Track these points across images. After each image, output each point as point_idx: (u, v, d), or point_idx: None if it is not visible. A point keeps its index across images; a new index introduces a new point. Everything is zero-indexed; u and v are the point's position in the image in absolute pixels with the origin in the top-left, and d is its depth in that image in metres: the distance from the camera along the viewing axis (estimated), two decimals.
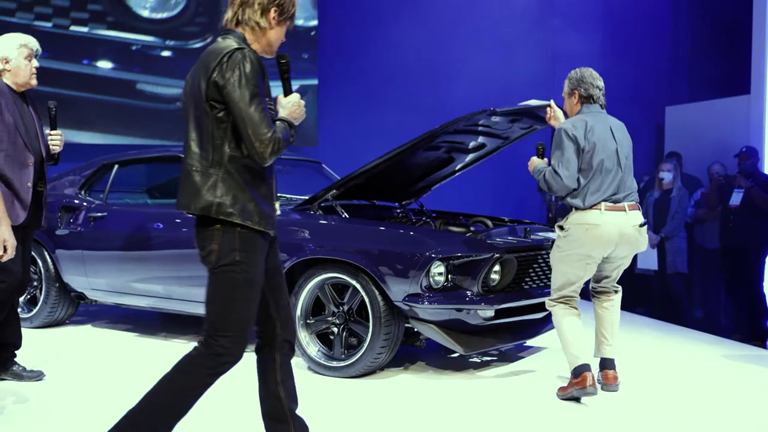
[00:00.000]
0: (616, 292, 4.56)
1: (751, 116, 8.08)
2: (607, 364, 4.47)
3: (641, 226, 4.31)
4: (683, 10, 10.15)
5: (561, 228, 4.33)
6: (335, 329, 4.65)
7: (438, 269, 4.37)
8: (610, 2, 10.34)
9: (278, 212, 3.00)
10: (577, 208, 4.26)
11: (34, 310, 5.90)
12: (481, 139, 5.28)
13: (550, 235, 5.14)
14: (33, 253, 5.89)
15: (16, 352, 4.47)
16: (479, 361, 5.06)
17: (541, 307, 4.87)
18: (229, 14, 2.86)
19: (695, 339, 6.19)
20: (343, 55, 9.71)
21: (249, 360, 4.54)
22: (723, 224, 7.45)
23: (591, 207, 4.22)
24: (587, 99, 4.38)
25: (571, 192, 4.25)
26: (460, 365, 4.93)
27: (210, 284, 2.81)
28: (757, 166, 7.38)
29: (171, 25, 9.55)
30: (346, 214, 4.96)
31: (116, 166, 5.88)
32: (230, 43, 2.76)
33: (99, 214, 5.60)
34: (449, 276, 4.41)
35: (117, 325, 6.15)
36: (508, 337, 4.83)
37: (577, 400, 4.21)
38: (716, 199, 7.62)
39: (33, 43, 4.34)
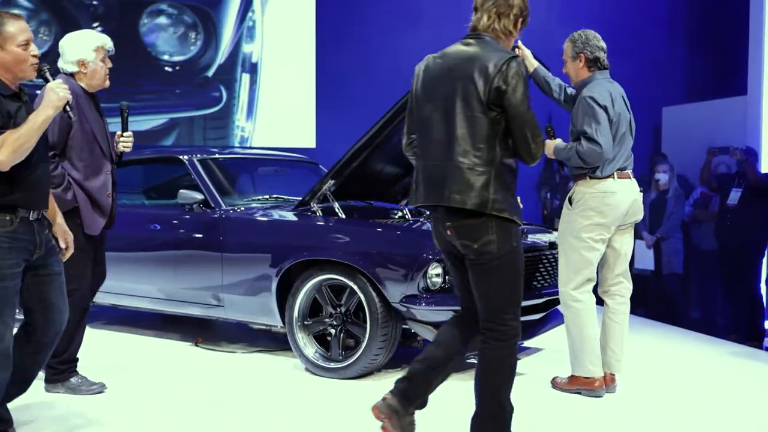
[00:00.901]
0: (627, 291, 4.44)
1: (747, 117, 8.08)
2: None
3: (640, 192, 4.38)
4: (680, 11, 10.15)
5: (570, 201, 4.28)
6: (333, 330, 4.65)
7: (435, 270, 4.37)
8: (606, 2, 10.35)
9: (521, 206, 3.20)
10: (591, 177, 4.21)
11: None
12: None
13: (547, 236, 5.15)
14: None
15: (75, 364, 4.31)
16: (476, 362, 5.04)
17: (537, 308, 4.89)
18: (484, 21, 3.07)
19: (692, 339, 6.20)
20: (341, 53, 9.70)
21: (253, 363, 4.54)
22: (720, 224, 7.46)
23: (606, 176, 4.21)
24: (594, 62, 4.30)
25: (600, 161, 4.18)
26: (457, 366, 4.91)
27: (491, 274, 2.99)
28: (755, 164, 7.39)
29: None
30: (343, 214, 4.96)
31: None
32: (496, 48, 3.00)
33: None
34: (446, 277, 4.41)
35: (114, 325, 6.14)
36: None
37: (578, 392, 4.23)
38: (708, 176, 7.67)
39: (109, 43, 4.18)
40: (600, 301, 4.44)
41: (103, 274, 4.34)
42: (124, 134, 4.28)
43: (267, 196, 5.53)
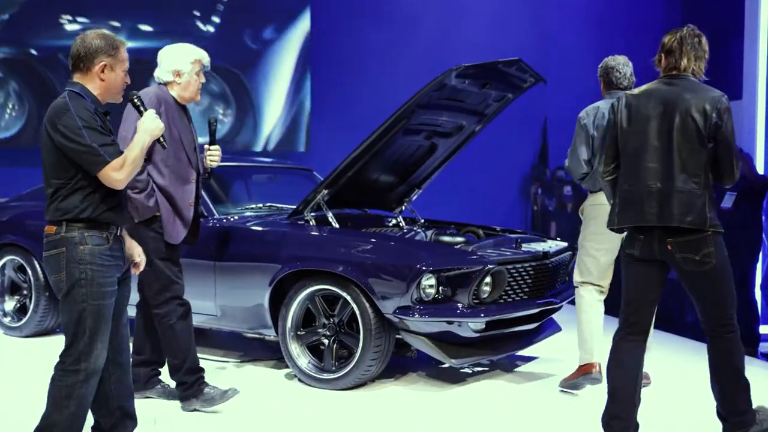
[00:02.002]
0: None
1: (743, 121, 8.09)
2: None
3: None
4: (675, 15, 10.15)
5: (581, 212, 4.72)
6: (326, 341, 4.64)
7: (429, 281, 4.36)
8: (601, 7, 10.35)
9: None
10: (589, 191, 4.63)
11: (24, 320, 5.86)
12: (458, 120, 5.30)
13: (541, 246, 5.14)
14: (22, 260, 5.88)
15: (159, 369, 4.34)
16: (470, 371, 5.05)
17: (532, 318, 4.88)
18: (684, 63, 3.53)
19: (686, 347, 6.18)
20: (335, 57, 9.69)
21: (245, 373, 4.52)
22: None
23: (599, 189, 4.42)
24: (609, 84, 4.72)
25: (585, 177, 4.58)
26: (452, 376, 4.92)
27: (715, 282, 3.43)
28: (751, 167, 7.38)
29: None
30: (336, 224, 4.95)
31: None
32: (703, 87, 3.49)
33: None
34: (440, 288, 4.40)
35: None
36: (499, 348, 4.82)
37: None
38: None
39: (206, 58, 4.19)
40: None
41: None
42: (212, 147, 4.27)
43: (260, 205, 5.51)
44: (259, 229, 4.94)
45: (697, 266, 3.39)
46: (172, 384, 4.23)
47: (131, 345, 3.89)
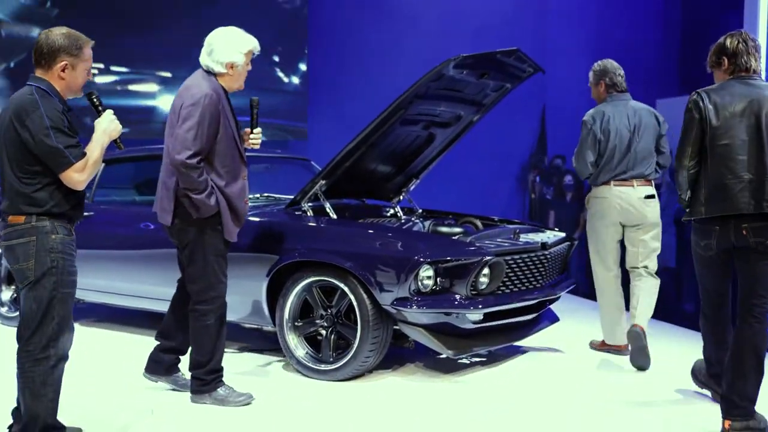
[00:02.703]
0: (648, 274, 5.14)
1: None
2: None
3: (647, 197, 5.09)
4: (675, 3, 10.09)
5: (587, 202, 5.30)
6: (323, 332, 4.63)
7: (427, 273, 4.35)
8: None
9: None
10: (592, 185, 5.21)
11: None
12: (456, 110, 5.29)
13: (539, 236, 5.14)
14: None
15: (180, 358, 4.33)
16: (468, 362, 5.05)
17: (530, 309, 4.88)
18: (754, 63, 3.77)
19: (686, 337, 6.18)
20: (334, 46, 9.64)
21: (243, 363, 4.49)
22: None
23: (602, 183, 5.12)
24: (612, 87, 5.17)
25: (590, 176, 5.18)
26: (449, 367, 4.92)
27: None
28: None
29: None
30: (334, 214, 4.94)
31: (102, 165, 5.80)
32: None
33: (85, 214, 5.52)
34: (438, 279, 4.39)
35: (105, 323, 6.11)
36: (497, 339, 4.82)
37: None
38: None
39: (258, 47, 4.07)
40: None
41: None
42: (254, 131, 4.17)
43: (258, 195, 5.49)
44: (257, 219, 4.92)
45: (766, 249, 3.60)
46: (188, 375, 4.22)
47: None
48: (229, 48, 3.97)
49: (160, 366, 4.27)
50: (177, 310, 4.25)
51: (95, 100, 3.35)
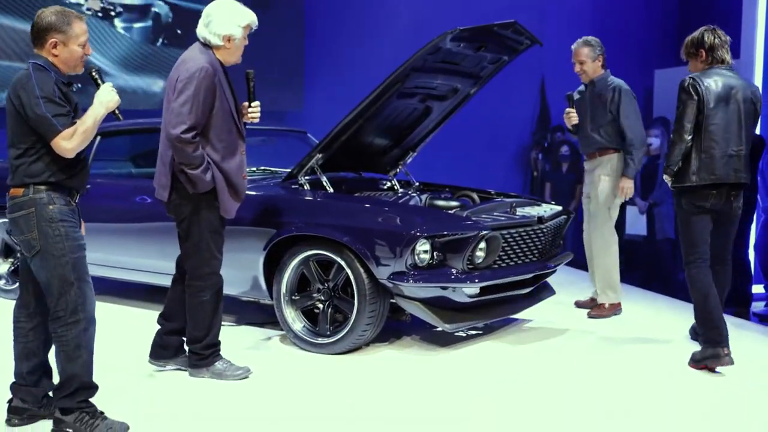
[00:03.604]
0: None
1: None
2: None
3: None
4: None
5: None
6: (320, 306, 4.65)
7: (423, 247, 4.35)
8: None
9: None
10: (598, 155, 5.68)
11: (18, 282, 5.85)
12: (453, 83, 5.27)
13: (536, 210, 5.14)
14: None
15: (184, 338, 4.26)
16: (465, 335, 5.07)
17: (526, 283, 4.89)
18: (727, 57, 4.49)
19: (683, 310, 6.22)
20: (330, 13, 9.56)
21: (241, 336, 4.51)
22: None
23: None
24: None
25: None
26: (446, 340, 4.95)
27: (738, 219, 4.58)
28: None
29: None
30: (331, 188, 4.93)
31: (99, 138, 5.79)
32: (742, 77, 4.56)
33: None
34: (434, 254, 4.40)
35: (102, 296, 6.11)
36: (494, 312, 4.84)
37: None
38: None
39: (255, 21, 4.02)
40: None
41: None
42: (252, 104, 4.12)
43: (254, 168, 5.47)
44: (254, 193, 4.90)
45: (739, 211, 4.52)
46: None
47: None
48: (227, 20, 3.93)
49: (166, 350, 4.24)
50: (178, 290, 4.23)
51: (95, 74, 3.41)
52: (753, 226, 7.48)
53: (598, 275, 5.68)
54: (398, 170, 5.83)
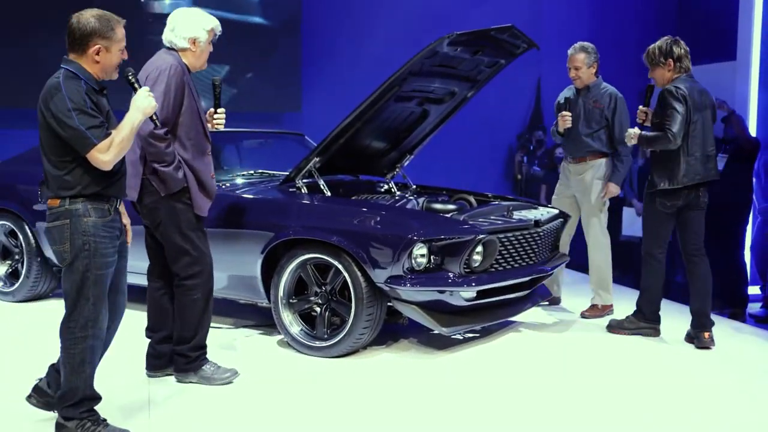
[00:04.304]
0: None
1: (736, 82, 8.06)
2: None
3: None
4: None
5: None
6: (318, 309, 4.66)
7: (420, 251, 4.37)
8: None
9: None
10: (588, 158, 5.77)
11: (16, 285, 5.88)
12: (450, 86, 5.29)
13: (533, 214, 5.15)
14: (12, 225, 5.87)
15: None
16: (462, 338, 5.09)
17: (522, 286, 4.91)
18: (690, 66, 4.91)
19: (677, 311, 6.23)
20: (328, 15, 9.56)
21: (238, 339, 4.52)
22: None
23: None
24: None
25: None
26: (443, 342, 4.97)
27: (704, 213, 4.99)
28: (742, 130, 7.37)
29: None
30: (328, 192, 4.94)
31: None
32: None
33: None
34: (431, 257, 4.41)
35: None
36: (490, 315, 4.86)
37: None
38: None
39: (219, 27, 4.09)
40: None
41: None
42: (218, 111, 4.15)
43: (252, 172, 5.49)
44: (251, 197, 4.93)
45: (705, 204, 4.94)
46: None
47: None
48: (192, 24, 4.00)
49: (161, 359, 4.21)
50: (156, 300, 4.20)
51: (131, 77, 3.35)
52: (749, 228, 7.51)
53: (592, 276, 5.71)
54: (395, 173, 5.85)
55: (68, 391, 3.30)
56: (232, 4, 8.62)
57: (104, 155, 3.12)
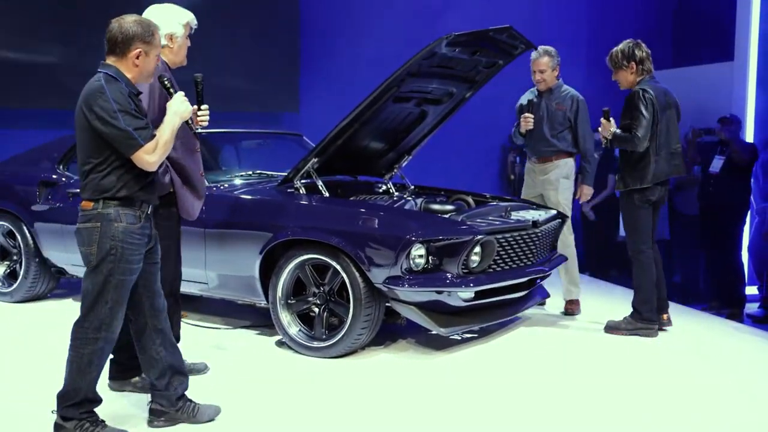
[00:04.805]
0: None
1: (734, 83, 8.07)
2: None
3: None
4: None
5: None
6: (316, 309, 4.67)
7: (418, 252, 4.37)
8: None
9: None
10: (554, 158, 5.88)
11: (14, 285, 5.88)
12: (449, 87, 5.30)
13: (531, 214, 5.16)
14: (10, 226, 5.87)
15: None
16: (460, 338, 5.10)
17: (520, 287, 4.92)
18: (651, 66, 5.14)
19: (674, 312, 6.25)
20: (326, 15, 9.55)
21: (236, 340, 4.51)
22: (702, 191, 7.48)
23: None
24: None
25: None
26: (441, 343, 4.97)
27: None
28: (739, 132, 7.39)
29: None
30: (327, 192, 4.95)
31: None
32: None
33: (77, 190, 5.50)
34: (429, 258, 4.42)
35: None
36: (488, 316, 4.87)
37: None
38: (695, 157, 7.70)
39: (194, 20, 4.04)
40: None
41: (180, 261, 4.19)
42: (202, 108, 4.01)
43: (250, 172, 5.49)
44: (249, 197, 4.93)
45: (666, 197, 5.28)
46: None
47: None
48: (167, 19, 3.96)
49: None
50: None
51: (167, 83, 3.39)
52: (746, 228, 7.52)
53: (563, 272, 5.79)
54: (394, 174, 5.86)
55: (71, 391, 3.31)
56: (230, 5, 8.61)
57: (151, 156, 3.19)
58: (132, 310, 3.43)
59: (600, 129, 5.18)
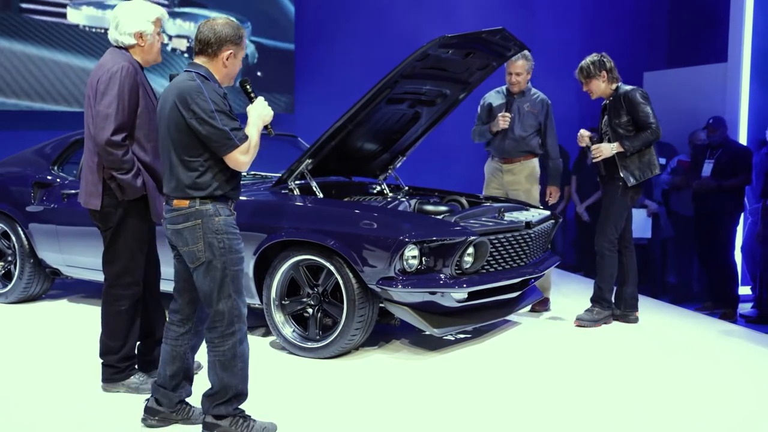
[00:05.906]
0: None
1: (727, 84, 8.09)
2: None
3: None
4: None
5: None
6: (310, 310, 4.68)
7: (412, 252, 4.39)
8: None
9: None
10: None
11: (9, 286, 5.89)
12: (442, 88, 5.33)
13: (524, 215, 5.18)
14: (5, 227, 5.87)
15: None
16: (453, 338, 5.11)
17: (513, 288, 4.93)
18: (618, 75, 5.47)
19: (671, 312, 6.27)
20: (322, 17, 9.57)
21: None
22: (696, 193, 7.51)
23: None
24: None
25: None
26: (435, 343, 4.99)
27: None
28: (726, 135, 7.41)
29: None
30: (321, 193, 4.96)
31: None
32: None
33: (72, 191, 5.52)
34: (423, 259, 4.43)
35: (93, 299, 6.14)
36: (482, 316, 4.88)
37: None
38: (697, 166, 7.72)
39: (166, 15, 3.98)
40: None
41: (158, 262, 4.16)
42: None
43: (245, 173, 5.49)
44: (243, 198, 4.93)
45: None
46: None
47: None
48: (135, 17, 3.87)
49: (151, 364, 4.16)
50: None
51: (248, 87, 3.43)
52: (739, 228, 7.55)
53: None
54: (387, 175, 5.87)
55: (221, 389, 3.35)
56: (225, 7, 8.62)
57: (245, 156, 3.24)
58: (190, 305, 3.46)
59: (593, 152, 5.40)
